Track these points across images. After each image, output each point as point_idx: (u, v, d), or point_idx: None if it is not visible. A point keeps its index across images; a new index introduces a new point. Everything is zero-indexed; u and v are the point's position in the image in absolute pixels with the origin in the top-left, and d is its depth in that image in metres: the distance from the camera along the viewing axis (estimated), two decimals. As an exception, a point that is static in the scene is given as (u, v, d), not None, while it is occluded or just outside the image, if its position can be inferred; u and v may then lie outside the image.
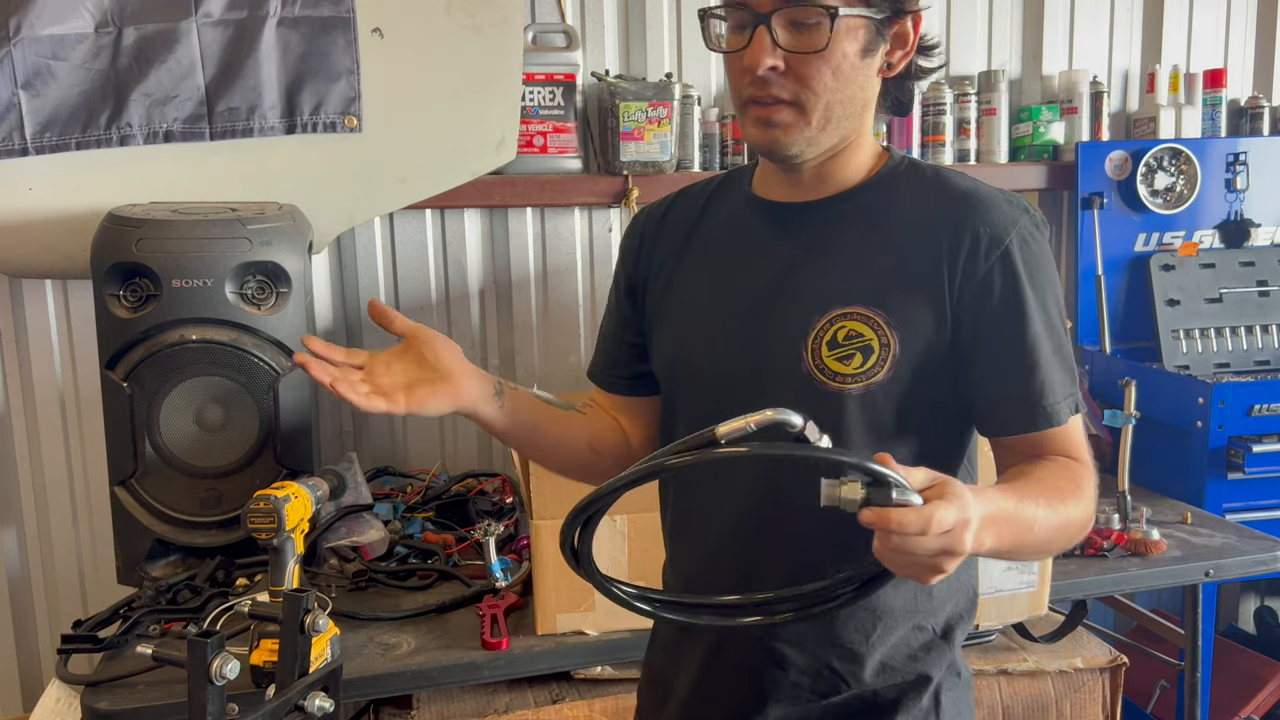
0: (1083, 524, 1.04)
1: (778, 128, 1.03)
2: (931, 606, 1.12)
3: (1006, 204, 1.07)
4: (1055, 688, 1.90)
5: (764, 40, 0.99)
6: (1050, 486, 1.00)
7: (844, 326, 1.05)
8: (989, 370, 1.05)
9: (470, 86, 2.15)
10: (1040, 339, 1.04)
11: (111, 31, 1.95)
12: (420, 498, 2.19)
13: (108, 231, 1.79)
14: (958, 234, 1.04)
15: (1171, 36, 2.85)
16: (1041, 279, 1.05)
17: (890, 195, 1.10)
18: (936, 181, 1.10)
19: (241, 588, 1.75)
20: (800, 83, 1.01)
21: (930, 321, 1.04)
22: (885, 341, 1.04)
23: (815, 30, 0.98)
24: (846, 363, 1.04)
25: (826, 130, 1.04)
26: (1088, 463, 1.07)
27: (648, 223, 1.25)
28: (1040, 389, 1.04)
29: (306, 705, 1.06)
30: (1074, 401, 1.07)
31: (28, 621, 2.29)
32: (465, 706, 1.71)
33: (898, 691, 1.11)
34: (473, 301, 2.44)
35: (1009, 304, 1.04)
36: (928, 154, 2.63)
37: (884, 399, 1.05)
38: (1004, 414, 1.06)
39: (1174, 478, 2.39)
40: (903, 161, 1.13)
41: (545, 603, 1.68)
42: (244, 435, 1.82)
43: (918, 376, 1.05)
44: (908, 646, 1.11)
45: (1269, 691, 2.53)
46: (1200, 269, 2.71)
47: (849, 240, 1.09)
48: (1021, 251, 1.04)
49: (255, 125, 2.04)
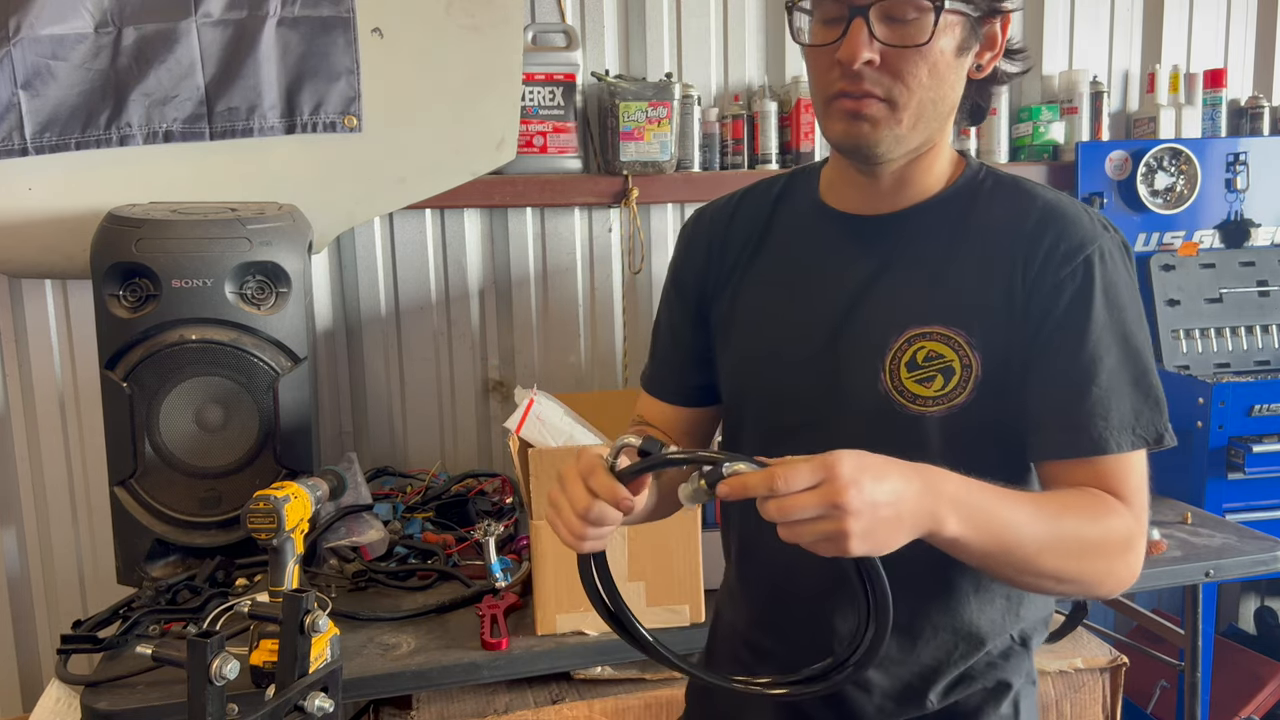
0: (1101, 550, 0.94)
1: (866, 122, 0.97)
2: (1008, 617, 1.08)
3: (1089, 219, 1.02)
4: (1055, 688, 1.90)
5: (862, 33, 0.94)
6: (1053, 499, 0.95)
7: (923, 347, 1.01)
8: (1042, 386, 0.99)
9: (470, 86, 2.15)
10: (1101, 359, 0.97)
11: (111, 31, 1.95)
12: (420, 498, 2.19)
13: (107, 231, 1.79)
14: (1035, 247, 0.99)
15: (1171, 36, 2.85)
16: (1117, 299, 0.98)
17: (970, 207, 1.05)
18: (1018, 193, 1.05)
19: (241, 588, 1.75)
20: (896, 78, 0.96)
21: (1011, 341, 0.99)
22: (967, 363, 0.99)
23: (914, 25, 0.94)
24: (927, 385, 1.00)
25: (915, 130, 0.99)
26: (1134, 503, 0.97)
27: (715, 223, 1.19)
28: (1090, 411, 0.97)
29: (306, 705, 1.06)
30: (1147, 433, 0.99)
31: (28, 621, 2.29)
32: (465, 707, 1.70)
33: (980, 699, 1.09)
34: (473, 301, 2.44)
35: (1073, 318, 0.98)
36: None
37: (966, 422, 1.00)
38: (1048, 435, 0.99)
39: (1174, 478, 2.39)
40: (981, 169, 1.09)
41: (545, 603, 1.67)
42: (244, 435, 1.82)
43: (998, 397, 0.99)
44: (988, 656, 1.09)
45: (1269, 691, 2.53)
46: (1200, 269, 2.71)
47: (927, 255, 1.04)
48: (1100, 267, 0.98)
49: (255, 125, 2.04)
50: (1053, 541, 0.91)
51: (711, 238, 1.18)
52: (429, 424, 2.46)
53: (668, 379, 1.25)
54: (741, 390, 1.15)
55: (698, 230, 1.21)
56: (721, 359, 1.17)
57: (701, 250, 1.19)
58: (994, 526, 0.87)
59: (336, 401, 2.41)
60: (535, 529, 1.66)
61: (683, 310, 1.21)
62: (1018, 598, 1.09)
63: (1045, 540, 0.90)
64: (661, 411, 1.25)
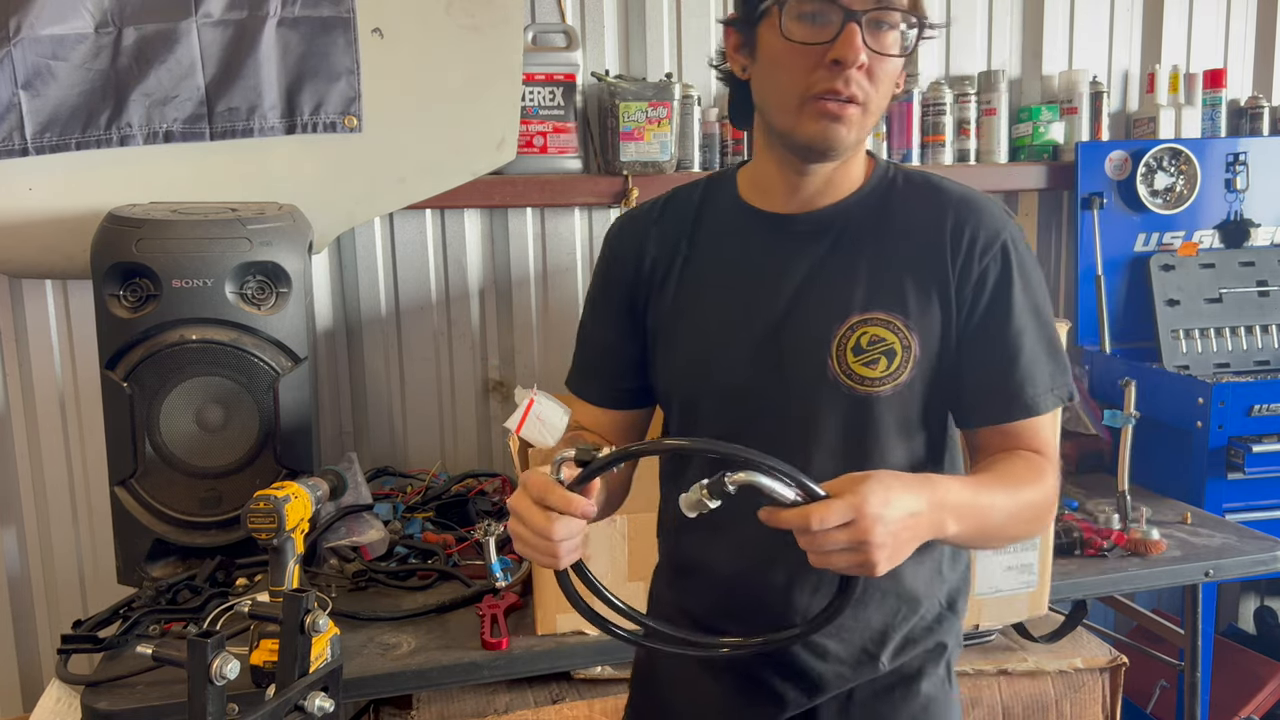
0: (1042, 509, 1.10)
1: (844, 125, 1.04)
2: (940, 582, 1.20)
3: (998, 209, 1.13)
4: (1055, 688, 1.90)
5: (857, 37, 1.00)
6: (1008, 474, 1.07)
7: (866, 332, 1.09)
8: (975, 363, 1.11)
9: (470, 86, 2.15)
10: (1023, 333, 1.09)
11: (111, 31, 1.95)
12: (420, 498, 2.19)
13: (108, 231, 1.79)
14: (957, 235, 1.09)
15: (1171, 36, 2.85)
16: (1030, 279, 1.11)
17: (889, 201, 1.14)
18: (929, 187, 1.15)
19: (241, 588, 1.75)
20: (874, 83, 1.03)
21: (940, 320, 1.10)
22: (906, 344, 1.09)
23: (890, 36, 1.03)
24: (872, 367, 1.09)
25: (866, 133, 1.09)
26: (1052, 457, 1.13)
27: (642, 229, 1.22)
28: (1021, 381, 1.10)
29: (306, 705, 1.06)
30: (1062, 392, 1.12)
31: (28, 621, 2.29)
32: (465, 706, 1.71)
33: (920, 661, 1.19)
34: (473, 301, 2.44)
35: (997, 300, 1.09)
36: (928, 154, 2.63)
37: (910, 398, 1.10)
38: (986, 405, 1.12)
39: (1174, 478, 2.39)
40: (890, 167, 1.17)
41: (545, 603, 1.67)
42: (244, 435, 1.82)
43: (934, 374, 1.11)
44: (924, 620, 1.19)
45: (1269, 691, 2.53)
46: (1200, 269, 2.71)
47: (860, 248, 1.12)
48: (1014, 252, 1.10)
49: (255, 125, 2.04)
50: (1016, 512, 1.06)
51: (639, 243, 1.21)
52: (429, 424, 2.46)
53: (599, 384, 1.27)
54: (693, 390, 1.18)
55: (624, 236, 1.24)
56: (663, 361, 1.20)
57: (629, 255, 1.22)
58: (979, 516, 1.01)
59: (336, 401, 2.41)
60: (535, 529, 1.66)
61: (612, 315, 1.24)
62: (938, 559, 1.19)
63: (1011, 514, 1.05)
64: (594, 416, 1.28)
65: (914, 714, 1.18)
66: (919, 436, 1.13)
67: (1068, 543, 1.99)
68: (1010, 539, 1.12)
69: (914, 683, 1.19)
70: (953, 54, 2.71)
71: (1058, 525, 1.95)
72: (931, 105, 2.60)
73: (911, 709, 1.18)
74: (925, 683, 1.19)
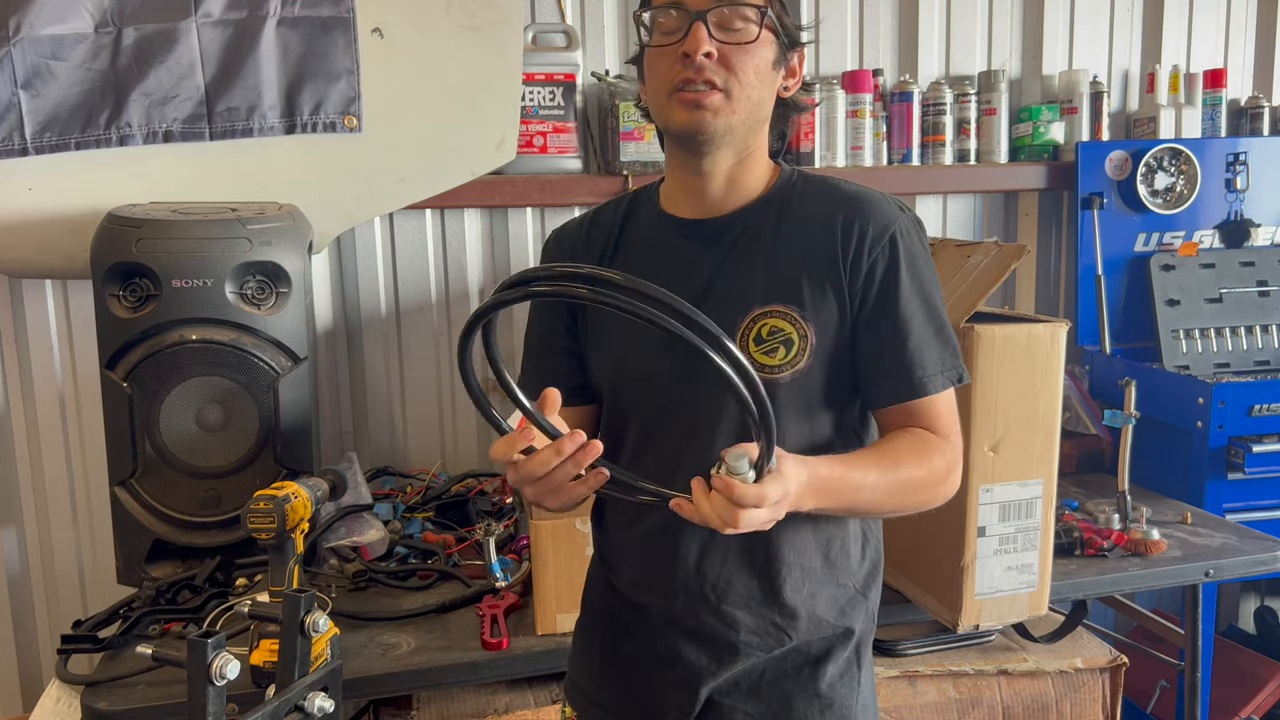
0: (925, 483, 1.17)
1: (707, 110, 1.14)
2: (849, 565, 1.26)
3: (889, 204, 1.21)
4: (1055, 688, 1.90)
5: (701, 30, 1.12)
6: (888, 451, 1.16)
7: (766, 323, 1.18)
8: (867, 348, 1.19)
9: (470, 86, 2.15)
10: (911, 319, 1.18)
11: (111, 31, 1.95)
12: (420, 498, 2.19)
13: (107, 231, 1.79)
14: (848, 231, 1.18)
15: (1171, 36, 2.85)
16: (916, 268, 1.19)
17: (789, 203, 1.23)
18: (826, 187, 1.24)
19: (241, 588, 1.75)
20: (730, 71, 1.14)
21: (835, 310, 1.18)
22: (803, 333, 1.17)
23: (742, 31, 1.14)
24: (772, 355, 1.18)
25: (744, 123, 1.16)
26: (947, 433, 1.20)
27: (573, 242, 1.33)
28: (910, 363, 1.17)
29: (306, 705, 1.06)
30: (951, 374, 1.20)
31: (28, 621, 2.29)
32: (465, 706, 1.71)
33: (828, 643, 1.25)
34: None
35: (886, 289, 1.17)
36: (928, 154, 2.63)
37: (809, 383, 1.18)
38: (880, 387, 1.20)
39: (1174, 478, 2.39)
40: (794, 173, 1.26)
41: (545, 603, 1.67)
42: (244, 435, 1.82)
43: (832, 360, 1.19)
44: (835, 602, 1.25)
45: (1269, 691, 2.53)
46: (1200, 269, 2.71)
47: (759, 247, 1.21)
48: (902, 243, 1.18)
49: (255, 125, 2.04)
50: (892, 488, 1.13)
51: (575, 253, 1.32)
52: (429, 424, 2.46)
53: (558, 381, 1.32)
54: (615, 382, 1.28)
55: (560, 249, 1.35)
56: (592, 358, 1.30)
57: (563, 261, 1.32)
58: (847, 492, 1.10)
59: (336, 401, 2.41)
60: (535, 529, 1.66)
61: (553, 320, 1.33)
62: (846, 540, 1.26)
63: (886, 489, 1.13)
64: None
65: (819, 693, 1.24)
66: (822, 417, 1.20)
67: (1068, 543, 1.99)
68: (893, 510, 1.18)
69: (821, 664, 1.24)
70: (953, 54, 2.72)
71: (1058, 525, 1.95)
72: (931, 105, 2.61)
73: (817, 687, 1.24)
74: (832, 665, 1.24)
